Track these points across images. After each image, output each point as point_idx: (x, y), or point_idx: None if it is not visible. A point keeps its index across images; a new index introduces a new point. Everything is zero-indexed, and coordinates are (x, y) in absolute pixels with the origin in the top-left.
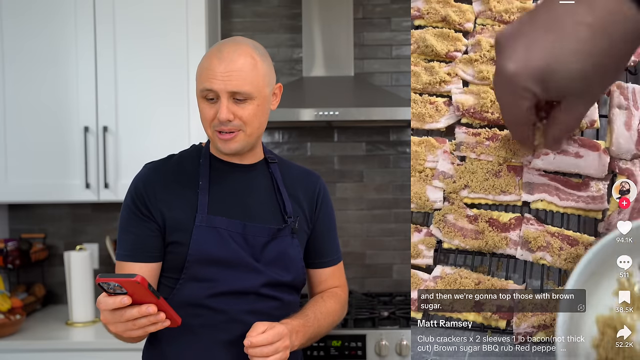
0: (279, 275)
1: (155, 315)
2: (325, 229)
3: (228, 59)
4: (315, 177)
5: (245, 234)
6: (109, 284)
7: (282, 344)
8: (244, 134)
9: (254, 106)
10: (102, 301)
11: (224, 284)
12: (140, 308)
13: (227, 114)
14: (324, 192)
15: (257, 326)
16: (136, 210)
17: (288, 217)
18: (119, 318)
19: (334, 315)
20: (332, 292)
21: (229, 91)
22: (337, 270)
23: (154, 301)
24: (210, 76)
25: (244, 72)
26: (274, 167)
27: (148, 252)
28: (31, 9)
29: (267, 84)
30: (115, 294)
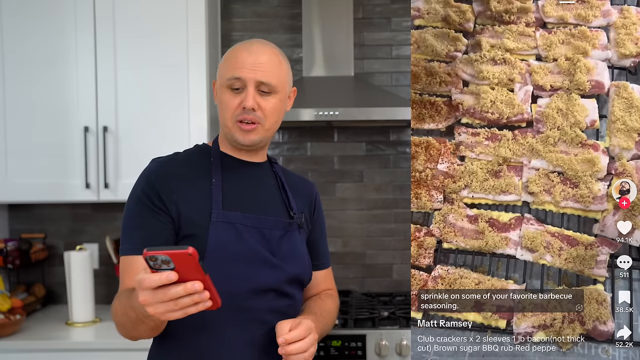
0: (295, 270)
1: (200, 294)
2: (319, 233)
3: (257, 52)
4: (311, 184)
5: (262, 228)
6: (156, 257)
7: (314, 337)
8: (263, 128)
9: (276, 100)
10: (146, 278)
11: (244, 280)
12: (186, 285)
13: (253, 102)
14: (319, 199)
15: (282, 325)
16: (149, 202)
17: (294, 212)
18: (162, 297)
19: (333, 315)
20: (328, 294)
21: (257, 80)
22: (328, 273)
23: (200, 278)
24: (239, 66)
25: (272, 65)
26: (277, 167)
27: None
28: (31, 8)
29: (288, 83)
30: (160, 270)
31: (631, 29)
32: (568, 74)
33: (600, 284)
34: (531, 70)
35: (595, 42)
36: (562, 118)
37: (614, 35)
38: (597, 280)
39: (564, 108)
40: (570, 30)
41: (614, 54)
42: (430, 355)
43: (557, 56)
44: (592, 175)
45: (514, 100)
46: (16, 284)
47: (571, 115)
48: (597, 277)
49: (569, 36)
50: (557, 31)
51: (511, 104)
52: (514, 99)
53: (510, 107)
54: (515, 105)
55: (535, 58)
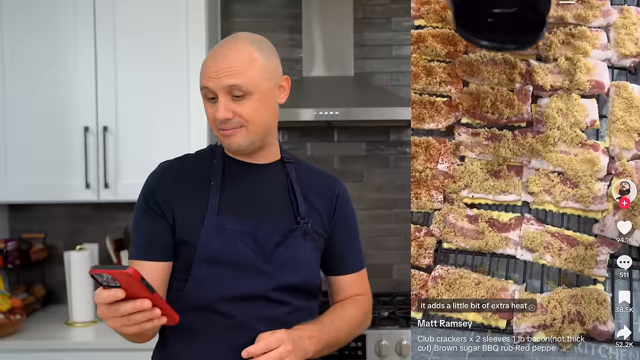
0: (291, 278)
1: (150, 311)
2: (344, 234)
3: (221, 56)
4: (334, 181)
5: (256, 235)
6: (102, 275)
7: (285, 349)
8: (247, 131)
9: (253, 102)
10: (97, 294)
11: (232, 287)
12: (134, 303)
13: (225, 112)
14: (344, 197)
15: (260, 337)
16: (148, 208)
17: (301, 218)
18: (114, 312)
19: (354, 321)
20: (353, 299)
21: (223, 87)
22: (359, 278)
23: (148, 296)
24: (206, 75)
25: (239, 68)
26: (290, 167)
27: (158, 251)
28: (31, 8)
29: (267, 79)
30: (109, 287)
31: (631, 29)
32: (568, 74)
33: (600, 284)
34: (531, 70)
35: (595, 42)
36: (562, 118)
37: (614, 35)
38: (597, 280)
39: (564, 108)
40: (570, 30)
41: (614, 54)
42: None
43: (557, 56)
44: (592, 175)
45: (514, 100)
46: (16, 284)
47: (571, 115)
48: (597, 277)
49: (569, 36)
50: (557, 31)
51: (511, 104)
52: (514, 99)
53: (510, 107)
54: (515, 105)
55: (535, 58)
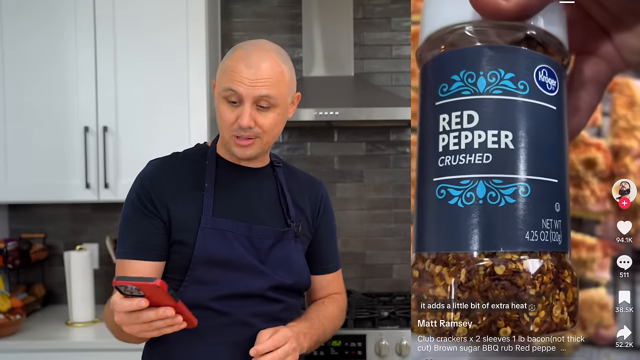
0: (284, 279)
1: (173, 318)
2: (326, 235)
3: (256, 65)
4: (318, 183)
5: (251, 237)
6: (127, 286)
7: (290, 346)
8: (261, 142)
9: (275, 114)
10: (118, 303)
11: (229, 286)
12: (157, 311)
13: (249, 120)
14: (326, 199)
15: (262, 334)
16: (141, 206)
17: (291, 221)
18: (135, 320)
19: (335, 320)
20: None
21: (255, 97)
22: (337, 277)
23: (172, 304)
24: (237, 79)
25: (272, 80)
26: (279, 170)
27: (152, 250)
28: (31, 8)
29: (289, 93)
30: (132, 296)
31: None
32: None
33: (601, 286)
34: None
35: None
36: None
37: None
38: (599, 282)
39: None
40: None
41: None
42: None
43: None
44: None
45: None
46: (16, 284)
47: None
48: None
49: None
50: None
51: None
52: None
53: None
54: None
55: None
